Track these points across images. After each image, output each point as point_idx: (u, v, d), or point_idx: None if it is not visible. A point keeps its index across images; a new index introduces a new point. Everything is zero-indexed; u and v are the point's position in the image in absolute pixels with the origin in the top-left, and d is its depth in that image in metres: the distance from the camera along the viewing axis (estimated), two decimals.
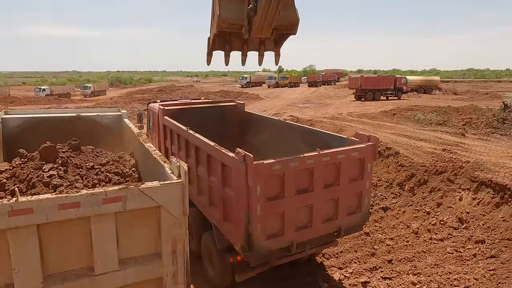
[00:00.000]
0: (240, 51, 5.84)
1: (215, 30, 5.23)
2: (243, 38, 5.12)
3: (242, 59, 5.94)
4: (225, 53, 5.86)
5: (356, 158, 4.98)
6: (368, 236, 7.62)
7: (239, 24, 4.94)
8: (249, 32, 4.91)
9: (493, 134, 14.28)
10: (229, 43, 5.72)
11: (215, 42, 5.61)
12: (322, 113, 25.09)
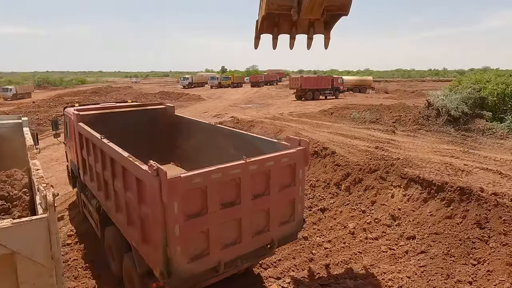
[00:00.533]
0: (288, 34, 5.62)
1: (263, 12, 5.04)
2: (291, 20, 4.93)
3: (290, 42, 5.76)
4: (273, 36, 5.69)
5: (286, 164, 4.66)
6: (307, 240, 7.45)
7: (288, 5, 4.73)
8: (298, 13, 4.67)
9: (419, 131, 15.23)
10: (278, 26, 5.53)
11: (263, 25, 5.42)
12: (264, 113, 25.09)
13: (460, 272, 5.90)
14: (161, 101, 39.16)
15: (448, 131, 14.87)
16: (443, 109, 15.55)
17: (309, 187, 9.92)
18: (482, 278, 5.62)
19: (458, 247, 6.47)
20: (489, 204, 6.97)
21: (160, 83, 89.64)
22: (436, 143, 13.08)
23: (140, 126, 8.25)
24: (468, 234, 6.65)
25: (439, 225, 7.13)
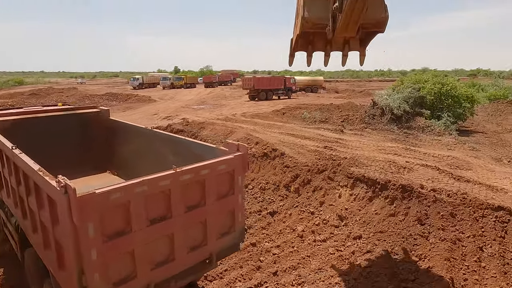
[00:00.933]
0: (323, 51, 5.68)
1: (298, 31, 5.11)
2: (326, 38, 4.95)
3: (325, 60, 5.83)
4: (307, 53, 5.73)
5: (224, 171, 4.33)
6: (255, 246, 7.19)
7: (323, 23, 4.79)
8: (333, 31, 4.72)
9: (366, 129, 15.74)
10: (312, 44, 5.59)
11: (297, 43, 5.47)
12: (217, 114, 24.63)
13: (403, 270, 5.97)
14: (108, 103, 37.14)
15: (391, 129, 15.52)
16: (386, 108, 16.22)
17: (259, 190, 9.70)
18: (423, 275, 5.73)
19: (401, 244, 6.58)
20: (428, 201, 7.21)
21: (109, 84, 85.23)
22: (381, 141, 13.55)
23: (70, 132, 7.47)
24: (410, 231, 6.80)
25: (384, 223, 7.24)
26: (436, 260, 5.93)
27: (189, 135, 14.70)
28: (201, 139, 13.99)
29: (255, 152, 11.12)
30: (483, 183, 8.51)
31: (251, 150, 11.25)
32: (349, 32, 4.67)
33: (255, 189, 9.83)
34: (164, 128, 16.48)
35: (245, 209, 8.86)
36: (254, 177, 10.32)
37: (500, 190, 8.12)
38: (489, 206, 6.88)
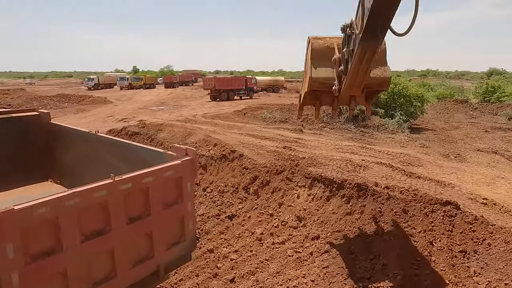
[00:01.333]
0: (330, 105, 6.24)
1: (306, 89, 5.60)
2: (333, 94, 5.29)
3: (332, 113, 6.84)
4: (315, 108, 6.38)
5: (170, 178, 4.06)
6: (212, 253, 6.95)
7: (330, 83, 5.22)
8: (339, 91, 5.09)
9: (324, 128, 16.01)
10: (320, 99, 6.10)
11: (306, 99, 6.03)
12: (176, 115, 23.98)
13: (359, 269, 6.02)
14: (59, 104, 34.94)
15: (349, 128, 15.91)
16: (343, 107, 16.58)
17: (218, 193, 9.46)
18: (378, 272, 5.80)
19: (358, 243, 6.64)
20: (382, 198, 7.36)
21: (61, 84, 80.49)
22: (339, 140, 13.82)
23: (5, 137, 6.78)
24: (366, 229, 6.90)
25: (341, 223, 7.28)
26: (390, 257, 6.04)
27: (145, 138, 14.12)
28: (158, 141, 13.48)
29: (214, 154, 10.85)
30: (432, 179, 8.88)
31: (209, 152, 10.98)
32: (354, 91, 5.05)
33: (213, 192, 9.58)
34: (118, 131, 15.73)
35: (203, 214, 8.59)
36: (212, 180, 10.06)
37: (447, 185, 8.52)
38: (438, 201, 7.15)
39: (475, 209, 7.15)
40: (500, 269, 5.65)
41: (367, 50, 4.18)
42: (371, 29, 3.89)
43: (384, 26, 3.88)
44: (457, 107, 24.51)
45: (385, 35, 4.01)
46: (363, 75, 4.62)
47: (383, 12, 3.71)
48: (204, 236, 7.70)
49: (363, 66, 4.40)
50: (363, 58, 4.29)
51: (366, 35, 3.97)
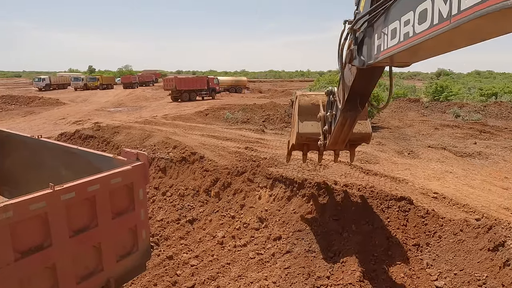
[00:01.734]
0: (317, 151, 6.68)
1: (294, 141, 6.25)
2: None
3: (319, 158, 7.23)
4: (303, 152, 6.91)
5: (120, 185, 3.81)
6: (172, 259, 6.70)
7: (315, 137, 5.76)
8: (324, 145, 5.61)
9: (285, 128, 16.14)
10: (307, 146, 6.65)
11: (294, 147, 6.65)
12: (135, 117, 23.12)
13: (320, 268, 6.08)
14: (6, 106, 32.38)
15: None
16: None
17: (178, 196, 9.18)
18: (338, 270, 5.89)
19: (318, 242, 6.72)
20: (342, 196, 7.51)
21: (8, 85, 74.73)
22: None
23: None
24: (326, 227, 6.99)
25: (302, 222, 7.33)
26: (349, 254, 6.15)
27: (101, 141, 13.42)
28: (114, 145, 12.87)
29: (173, 157, 10.52)
30: (388, 175, 9.23)
31: (168, 155, 10.64)
32: (338, 147, 5.59)
33: (173, 196, 9.28)
34: (71, 134, 14.82)
35: (163, 219, 8.28)
36: (172, 183, 9.75)
37: (402, 181, 8.89)
38: (393, 197, 7.42)
39: (427, 203, 7.51)
40: (449, 260, 5.96)
41: (348, 118, 4.72)
42: (351, 102, 4.38)
43: (363, 100, 4.40)
44: (410, 105, 25.80)
45: (364, 106, 4.54)
46: (346, 136, 5.17)
47: (362, 90, 4.21)
48: (163, 242, 7.42)
49: (345, 129, 4.93)
50: (345, 124, 4.84)
51: (347, 107, 4.47)
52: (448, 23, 2.06)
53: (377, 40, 3.16)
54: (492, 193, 8.39)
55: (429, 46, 2.47)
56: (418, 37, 2.42)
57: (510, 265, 5.22)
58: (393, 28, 2.80)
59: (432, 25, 2.23)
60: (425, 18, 2.32)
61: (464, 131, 16.52)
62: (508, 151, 12.81)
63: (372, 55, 3.31)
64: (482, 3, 1.73)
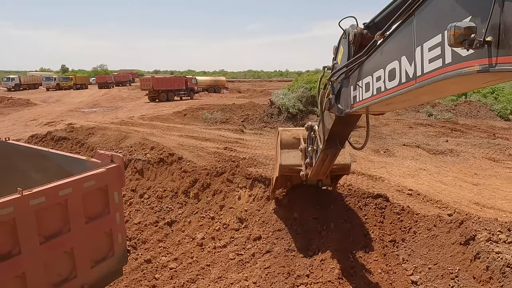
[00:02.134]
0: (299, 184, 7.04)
1: (277, 174, 6.43)
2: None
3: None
4: (287, 189, 7.33)
5: (93, 188, 3.68)
6: (150, 263, 6.56)
7: (298, 169, 6.05)
8: (306, 176, 5.93)
9: (265, 128, 16.20)
10: (290, 180, 7.05)
11: (278, 182, 6.79)
12: (111, 118, 22.54)
13: (299, 266, 6.12)
14: None
15: (288, 127, 16.27)
16: (283, 107, 16.96)
17: (156, 198, 9.02)
18: (317, 268, 5.94)
19: (298, 241, 6.76)
20: (320, 195, 7.58)
21: None
22: None
23: None
24: (306, 226, 7.04)
25: (281, 221, 7.35)
26: (328, 252, 6.22)
27: (74, 143, 13.01)
28: (89, 147, 12.50)
29: (151, 158, 10.33)
30: (365, 174, 9.41)
31: (146, 156, 10.43)
32: (320, 177, 5.89)
33: (151, 198, 9.11)
34: (42, 136, 14.28)
35: (140, 222, 8.11)
36: (150, 185, 9.56)
37: (378, 179, 9.09)
38: (370, 194, 7.58)
39: (402, 200, 7.72)
40: (424, 255, 6.14)
41: (329, 154, 4.99)
42: (331, 141, 4.67)
43: (342, 140, 4.69)
44: None
45: (344, 144, 4.86)
46: (327, 169, 5.45)
47: (341, 133, 4.50)
48: (141, 245, 7.26)
49: (326, 164, 5.19)
50: (325, 159, 5.10)
51: (328, 145, 4.74)
52: (414, 82, 2.29)
53: (353, 91, 3.40)
54: (463, 189, 8.73)
55: (400, 100, 2.71)
56: (389, 92, 2.64)
57: (480, 258, 5.43)
58: (367, 82, 3.03)
59: (401, 83, 2.46)
60: (394, 76, 2.54)
61: (436, 130, 17.11)
62: (477, 148, 13.37)
63: (348, 104, 3.54)
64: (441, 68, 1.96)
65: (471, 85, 2.27)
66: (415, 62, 2.23)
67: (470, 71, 1.75)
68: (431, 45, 2.05)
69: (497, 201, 7.92)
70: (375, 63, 2.87)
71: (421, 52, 2.16)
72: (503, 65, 1.57)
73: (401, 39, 2.40)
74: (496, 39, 1.57)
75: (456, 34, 1.63)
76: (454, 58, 1.86)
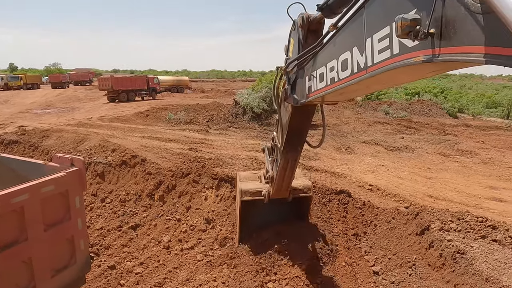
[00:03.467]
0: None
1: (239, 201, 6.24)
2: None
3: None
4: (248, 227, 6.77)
5: (53, 193, 3.51)
6: (114, 269, 6.35)
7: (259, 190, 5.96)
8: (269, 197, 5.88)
9: (230, 128, 16.19)
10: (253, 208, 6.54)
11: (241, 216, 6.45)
12: (68, 119, 21.40)
13: (268, 264, 6.19)
14: None
15: (253, 126, 16.41)
16: (247, 107, 17.05)
17: (119, 202, 8.71)
18: (285, 265, 6.06)
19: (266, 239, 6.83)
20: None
21: None
22: (244, 138, 14.13)
23: None
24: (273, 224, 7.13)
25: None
26: (296, 249, 6.36)
27: (27, 146, 12.23)
28: (43, 150, 11.81)
29: (112, 161, 9.96)
30: (328, 171, 9.73)
31: (107, 159, 10.04)
32: (282, 194, 5.81)
33: (114, 202, 8.79)
34: None
35: (102, 227, 7.81)
36: (112, 189, 9.22)
37: (341, 175, 9.43)
38: (333, 191, 7.85)
39: (363, 195, 8.07)
40: (384, 246, 6.48)
41: (290, 159, 4.96)
42: (290, 142, 4.70)
43: (300, 140, 4.73)
44: (345, 104, 27.43)
45: (302, 146, 4.89)
46: (289, 181, 5.43)
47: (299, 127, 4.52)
48: (104, 252, 6.99)
49: (287, 173, 5.18)
50: (287, 167, 5.07)
51: (287, 148, 4.76)
52: (365, 72, 2.37)
53: (308, 81, 3.47)
54: (418, 182, 9.30)
55: (352, 89, 2.81)
56: (342, 82, 2.73)
57: (434, 246, 5.83)
58: (321, 72, 3.10)
59: (353, 73, 2.54)
60: (346, 67, 2.63)
61: (393, 127, 18.04)
62: (429, 144, 14.28)
63: (304, 94, 3.61)
64: (390, 59, 2.05)
65: (417, 75, 2.39)
66: (366, 53, 2.31)
67: (415, 61, 1.85)
68: (380, 37, 2.13)
69: (447, 193, 8.52)
70: (328, 54, 2.94)
71: (371, 43, 2.23)
72: (445, 56, 1.67)
73: (353, 31, 2.48)
74: (439, 31, 1.67)
75: (403, 25, 1.70)
76: (401, 49, 1.95)
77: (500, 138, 17.30)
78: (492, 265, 5.15)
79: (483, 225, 6.05)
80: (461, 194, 8.52)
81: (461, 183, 9.40)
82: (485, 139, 16.49)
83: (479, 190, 8.89)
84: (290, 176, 5.33)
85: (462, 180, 9.69)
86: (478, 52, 1.49)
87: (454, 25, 1.60)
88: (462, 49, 1.58)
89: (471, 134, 17.99)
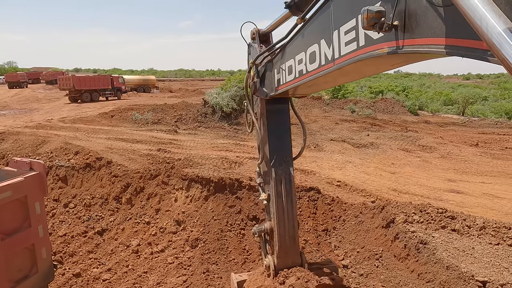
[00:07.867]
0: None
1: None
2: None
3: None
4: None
5: (10, 199, 3.30)
6: (80, 277, 6.09)
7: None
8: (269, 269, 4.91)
9: (199, 128, 16.01)
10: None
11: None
12: (25, 121, 20.23)
13: (237, 263, 6.21)
14: None
15: (223, 126, 16.33)
16: (217, 106, 16.94)
17: (83, 207, 8.36)
18: (255, 262, 6.09)
19: (236, 238, 6.85)
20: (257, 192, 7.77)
21: None
22: (214, 138, 14.03)
23: None
24: (244, 223, 7.17)
25: (220, 221, 7.36)
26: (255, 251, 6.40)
27: None
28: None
29: (76, 164, 9.53)
30: (298, 168, 9.87)
31: (69, 162, 9.59)
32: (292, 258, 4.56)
33: (78, 207, 8.41)
34: None
35: (66, 234, 7.46)
36: (75, 193, 8.82)
37: (310, 173, 9.62)
38: (303, 188, 7.97)
39: (332, 191, 8.28)
40: (352, 240, 6.68)
41: (282, 176, 4.02)
42: (275, 150, 4.05)
43: (285, 144, 4.17)
44: (313, 103, 28.00)
45: (292, 155, 4.19)
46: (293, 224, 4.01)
47: (278, 129, 4.07)
48: (68, 259, 6.68)
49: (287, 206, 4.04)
50: (281, 190, 4.02)
51: (275, 161, 3.98)
52: (332, 65, 2.40)
53: (277, 74, 3.47)
54: (383, 177, 9.67)
55: (321, 81, 2.83)
56: (310, 74, 2.75)
57: (399, 238, 6.09)
58: (290, 65, 3.12)
59: (321, 66, 2.56)
60: (314, 59, 2.65)
61: (359, 125, 18.65)
62: (393, 140, 14.91)
63: (273, 87, 3.59)
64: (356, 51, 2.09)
65: (383, 67, 2.44)
66: (333, 45, 2.34)
67: (380, 53, 1.88)
68: (347, 29, 2.16)
69: (410, 187, 8.94)
70: (297, 47, 2.96)
71: (338, 36, 2.26)
72: (408, 47, 1.71)
73: (320, 23, 2.51)
74: (402, 23, 1.71)
75: (368, 17, 1.72)
76: (367, 41, 1.99)
77: (457, 133, 18.40)
78: (452, 253, 5.46)
79: (443, 216, 6.39)
80: (422, 187, 8.96)
81: (423, 177, 9.88)
82: (443, 135, 17.46)
83: (439, 183, 9.40)
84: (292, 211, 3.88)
85: (423, 174, 10.20)
86: (440, 44, 1.53)
87: (417, 17, 1.64)
88: (424, 41, 1.62)
89: (431, 130, 18.98)
